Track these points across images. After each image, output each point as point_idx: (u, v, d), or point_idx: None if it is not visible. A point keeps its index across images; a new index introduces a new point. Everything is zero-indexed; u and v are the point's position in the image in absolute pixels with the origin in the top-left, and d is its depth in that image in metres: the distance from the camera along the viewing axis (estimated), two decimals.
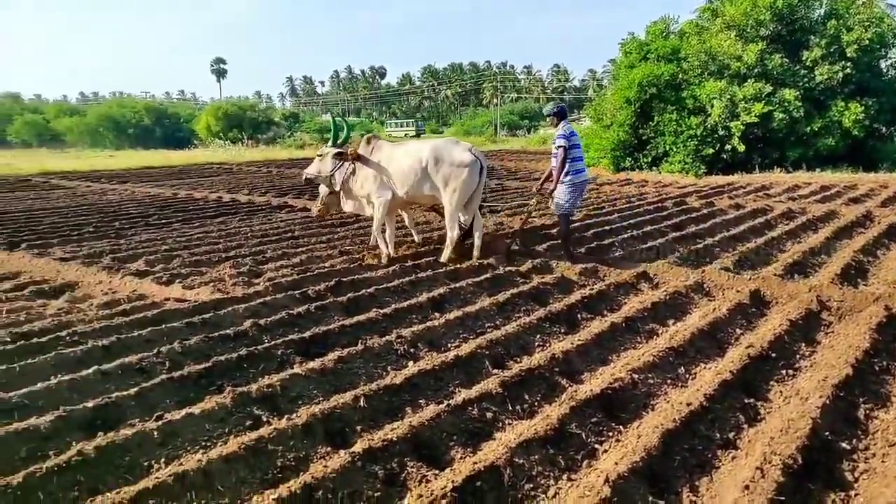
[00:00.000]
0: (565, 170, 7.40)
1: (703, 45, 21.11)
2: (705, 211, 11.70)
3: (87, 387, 4.07)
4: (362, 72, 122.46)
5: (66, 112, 59.83)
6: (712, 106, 19.58)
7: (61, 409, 3.64)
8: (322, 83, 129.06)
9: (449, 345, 4.88)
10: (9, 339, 4.97)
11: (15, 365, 4.38)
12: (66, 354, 4.58)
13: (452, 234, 7.59)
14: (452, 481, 2.84)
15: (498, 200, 13.41)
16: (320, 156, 8.31)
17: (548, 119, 7.77)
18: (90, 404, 3.73)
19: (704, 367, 4.53)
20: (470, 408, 3.66)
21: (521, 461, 3.07)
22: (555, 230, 9.45)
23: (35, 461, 3.22)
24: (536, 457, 3.14)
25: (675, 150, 20.12)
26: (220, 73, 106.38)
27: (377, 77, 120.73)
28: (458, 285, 6.28)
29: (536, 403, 3.90)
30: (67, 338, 5.02)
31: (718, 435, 3.54)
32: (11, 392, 3.92)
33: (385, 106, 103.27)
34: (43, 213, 12.66)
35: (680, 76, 20.84)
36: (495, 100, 79.29)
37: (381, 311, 5.49)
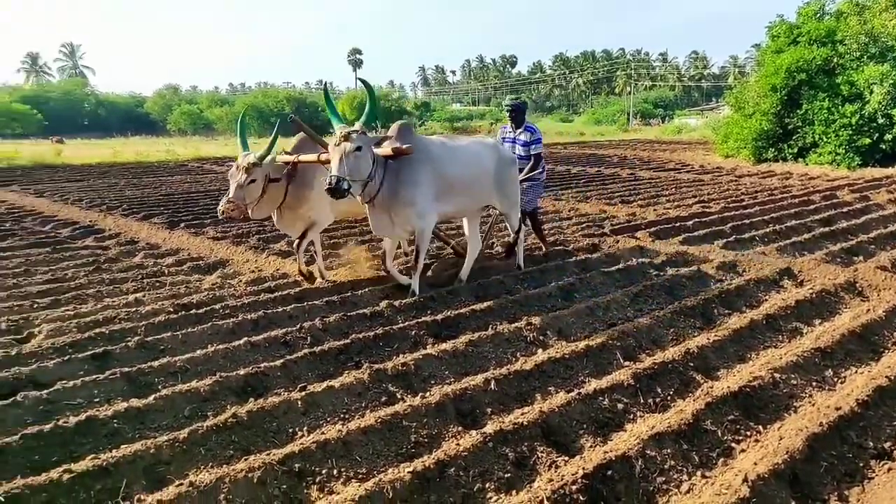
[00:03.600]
0: (540, 168, 7.11)
1: (864, 25, 19.35)
2: (859, 206, 10.78)
3: (239, 356, 4.42)
4: (493, 61, 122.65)
5: (217, 102, 64.38)
6: (871, 92, 17.91)
7: (218, 375, 3.99)
8: (453, 72, 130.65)
9: (578, 334, 4.84)
10: (172, 310, 5.47)
11: (178, 333, 4.83)
12: (221, 325, 4.98)
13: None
14: (583, 468, 2.84)
15: (631, 192, 13.05)
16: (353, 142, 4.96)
17: (508, 115, 7.18)
18: (242, 372, 4.06)
19: (856, 372, 4.22)
20: (600, 397, 3.63)
21: (654, 454, 3.01)
22: (690, 221, 9.09)
23: (197, 420, 3.55)
24: (669, 451, 3.07)
25: (825, 140, 18.61)
26: (357, 64, 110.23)
27: (508, 66, 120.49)
28: (588, 275, 6.21)
29: (669, 397, 3.80)
30: (220, 310, 5.46)
31: (872, 444, 3.30)
32: (176, 357, 4.33)
33: (515, 94, 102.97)
34: (198, 196, 13.73)
35: (835, 60, 19.23)
36: (628, 88, 76.86)
37: (510, 298, 5.54)
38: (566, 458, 3.14)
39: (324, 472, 3.06)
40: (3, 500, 2.75)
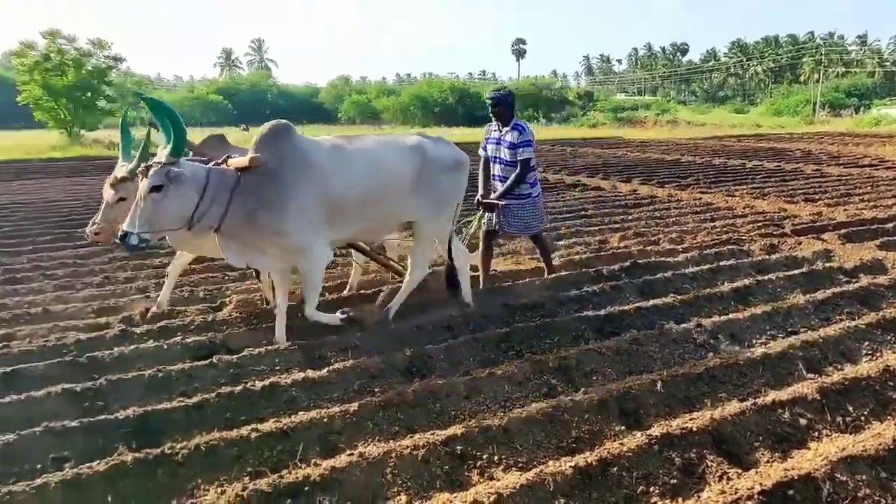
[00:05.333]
0: (531, 180, 5.73)
1: None
2: None
3: (405, 336, 4.58)
4: (662, 49, 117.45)
5: (384, 92, 67.12)
6: None
7: (385, 354, 4.17)
8: (619, 61, 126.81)
9: (754, 340, 4.53)
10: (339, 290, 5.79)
11: (352, 310, 5.10)
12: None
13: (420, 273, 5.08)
14: (760, 484, 2.65)
15: (816, 189, 11.97)
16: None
17: (492, 109, 5.68)
18: (408, 353, 4.21)
19: None
20: (779, 410, 3.37)
21: (844, 478, 2.75)
22: (890, 224, 8.18)
23: (366, 395, 3.74)
24: (864, 477, 2.78)
25: None
26: (520, 54, 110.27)
27: (678, 54, 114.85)
28: (766, 277, 5.77)
29: (863, 418, 3.44)
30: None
31: None
32: (347, 334, 4.58)
33: (684, 84, 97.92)
34: None
35: None
36: (815, 75, 70.30)
37: (679, 297, 5.29)
38: (739, 471, 2.95)
39: (484, 456, 3.11)
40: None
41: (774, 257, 6.65)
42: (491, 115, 5.76)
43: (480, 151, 5.93)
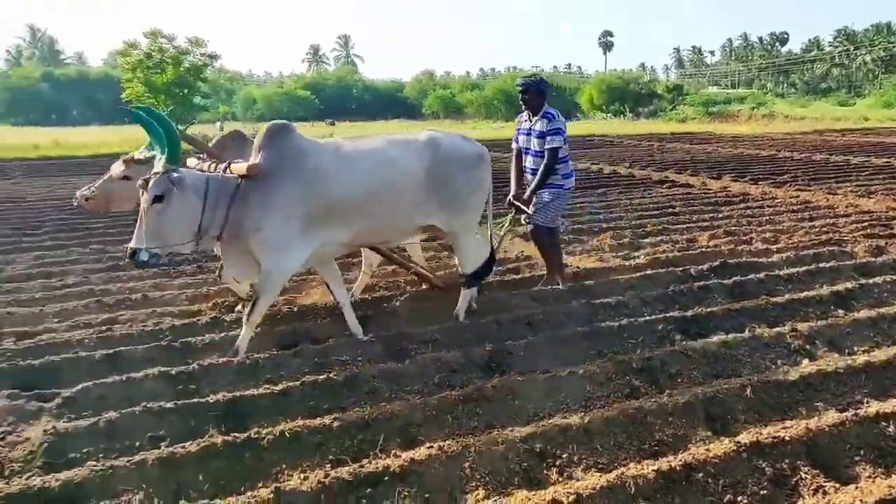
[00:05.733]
0: (563, 172, 5.47)
1: None
2: None
3: (485, 331, 4.57)
4: (759, 39, 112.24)
5: (468, 86, 67.23)
6: None
7: (465, 348, 4.17)
8: (712, 53, 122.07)
9: (856, 347, 4.26)
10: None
11: (428, 304, 5.15)
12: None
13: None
14: (861, 500, 2.50)
15: None
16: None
17: (522, 97, 5.41)
18: (488, 348, 4.20)
19: None
20: (883, 423, 3.16)
21: None
22: None
23: (445, 389, 3.76)
24: None
25: None
26: (607, 46, 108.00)
27: (776, 44, 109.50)
28: (871, 281, 5.42)
29: None
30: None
31: None
32: (428, 327, 4.62)
33: (783, 76, 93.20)
34: None
35: None
36: None
37: (772, 300, 5.04)
38: (837, 485, 2.79)
39: (564, 455, 3.06)
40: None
41: (881, 260, 6.24)
42: (521, 102, 5.48)
43: (513, 144, 5.73)
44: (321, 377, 3.79)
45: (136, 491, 2.80)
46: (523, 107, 5.50)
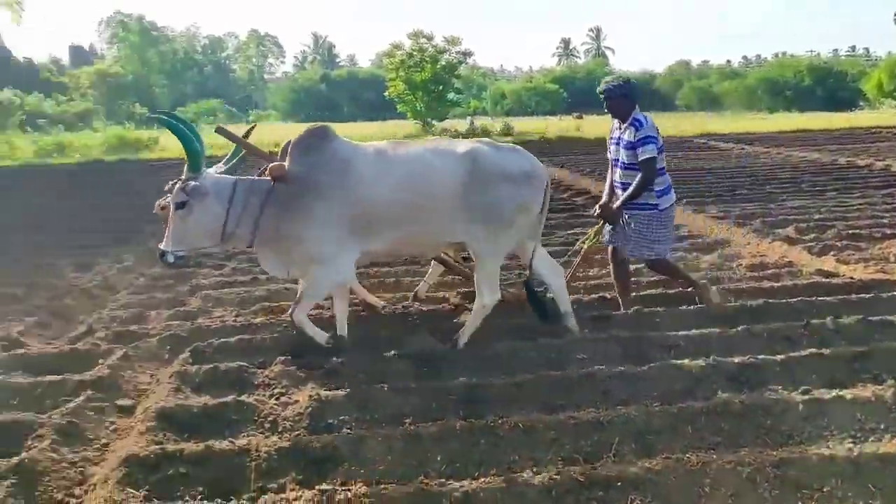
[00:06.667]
0: (658, 188, 4.62)
1: None
2: None
3: (735, 342, 4.23)
4: None
5: (727, 76, 62.58)
6: None
7: (711, 358, 3.89)
8: None
9: None
10: (668, 286, 5.57)
11: (673, 309, 4.90)
12: (718, 308, 4.86)
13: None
14: None
15: None
16: None
17: (606, 105, 4.71)
18: (736, 360, 3.87)
19: None
20: None
21: None
22: None
23: (687, 398, 3.54)
24: None
25: None
26: None
27: None
28: None
29: None
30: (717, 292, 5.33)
31: None
32: (670, 332, 4.39)
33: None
34: (700, 173, 13.61)
35: None
36: None
37: None
38: None
39: (825, 489, 2.73)
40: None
41: None
42: (606, 111, 4.82)
43: (607, 153, 5.04)
44: (557, 373, 3.80)
45: (383, 460, 3.05)
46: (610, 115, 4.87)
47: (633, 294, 5.28)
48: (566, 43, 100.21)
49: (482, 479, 2.84)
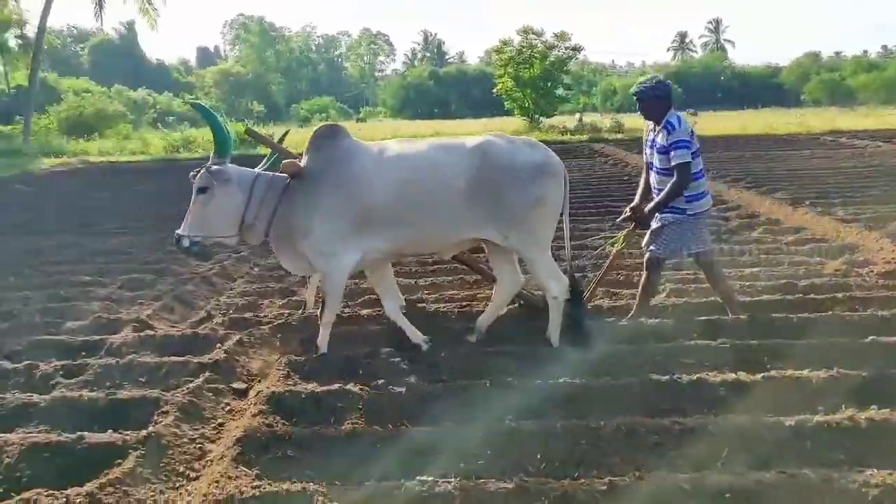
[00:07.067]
0: (690, 192, 4.38)
1: None
2: None
3: (862, 355, 3.93)
4: None
5: (863, 68, 58.12)
6: None
7: (834, 370, 3.64)
8: None
9: None
10: (788, 291, 5.26)
11: (792, 316, 4.62)
12: (843, 317, 4.57)
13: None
14: None
15: None
16: None
17: (638, 106, 4.49)
18: (864, 373, 3.62)
19: None
20: None
21: None
22: None
23: (803, 413, 3.32)
24: None
25: None
26: None
27: None
28: None
29: None
30: (844, 300, 5.00)
31: None
32: (788, 340, 4.16)
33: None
34: (827, 172, 12.75)
35: None
36: None
37: None
38: None
39: None
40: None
41: None
42: (639, 112, 4.57)
43: (644, 157, 4.77)
44: (664, 377, 3.68)
45: (482, 455, 3.07)
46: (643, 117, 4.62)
47: (748, 299, 5.03)
48: (682, 36, 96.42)
49: (582, 480, 2.80)
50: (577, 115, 33.13)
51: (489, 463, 3.02)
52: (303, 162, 4.18)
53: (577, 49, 31.35)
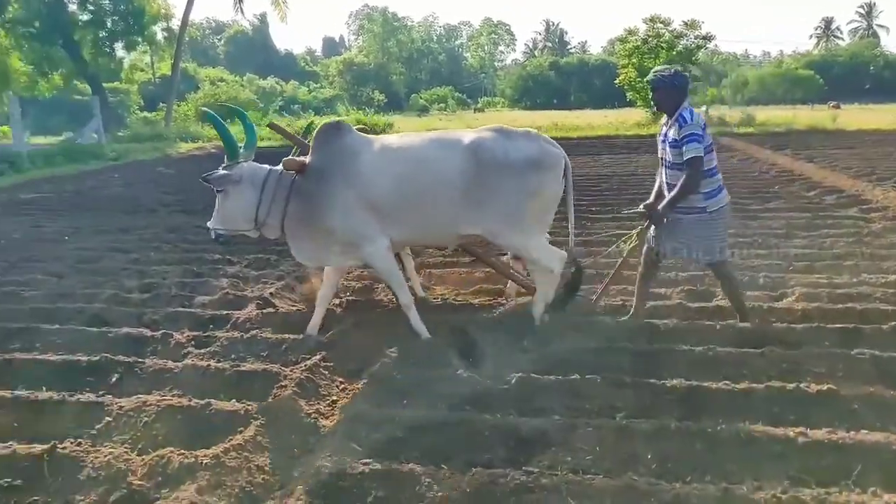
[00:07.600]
0: (706, 189, 4.10)
1: None
2: None
3: None
4: None
5: None
6: None
7: None
8: None
9: None
10: None
11: None
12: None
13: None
14: None
15: None
16: None
17: (652, 97, 4.28)
18: None
19: None
20: None
21: None
22: None
23: None
24: None
25: None
26: None
27: None
28: None
29: None
30: None
31: None
32: None
33: None
34: None
35: None
36: None
37: None
38: None
39: None
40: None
41: None
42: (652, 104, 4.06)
43: (658, 152, 4.49)
44: (790, 385, 3.46)
45: (591, 451, 3.01)
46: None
47: (890, 308, 4.63)
48: (827, 23, 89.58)
49: (694, 485, 2.69)
50: (704, 108, 31.63)
51: (598, 459, 2.97)
52: (308, 159, 4.32)
53: (707, 38, 29.90)
